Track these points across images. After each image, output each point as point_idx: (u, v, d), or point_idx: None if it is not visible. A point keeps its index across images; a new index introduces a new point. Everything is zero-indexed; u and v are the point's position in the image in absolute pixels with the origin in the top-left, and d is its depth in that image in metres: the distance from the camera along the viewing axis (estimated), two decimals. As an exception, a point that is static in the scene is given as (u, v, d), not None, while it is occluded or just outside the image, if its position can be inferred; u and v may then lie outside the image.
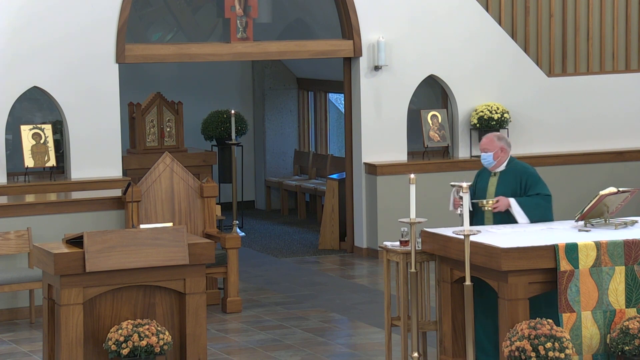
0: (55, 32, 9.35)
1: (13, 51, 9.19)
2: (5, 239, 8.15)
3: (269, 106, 13.20)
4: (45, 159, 9.34)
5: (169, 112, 11.06)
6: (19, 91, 9.29)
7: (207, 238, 7.98)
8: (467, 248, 5.80)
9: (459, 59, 10.63)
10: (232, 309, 8.41)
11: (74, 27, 9.40)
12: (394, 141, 10.52)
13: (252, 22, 10.04)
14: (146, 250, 6.14)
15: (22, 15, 9.25)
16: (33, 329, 7.98)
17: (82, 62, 9.43)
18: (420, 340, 6.68)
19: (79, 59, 9.41)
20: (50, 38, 9.33)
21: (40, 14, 9.31)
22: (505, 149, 6.77)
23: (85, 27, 9.44)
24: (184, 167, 8.58)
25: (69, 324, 5.99)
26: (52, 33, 9.34)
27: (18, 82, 9.24)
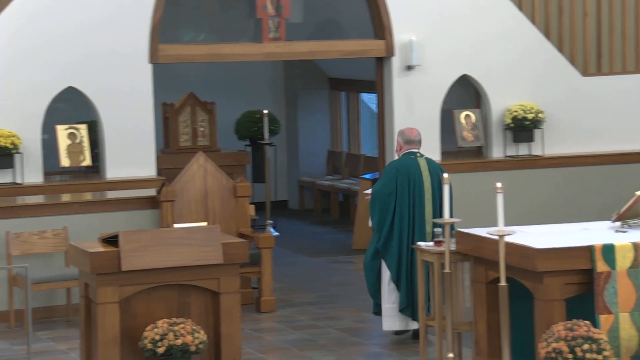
0: (90, 33, 9.41)
1: (48, 51, 9.27)
2: (43, 237, 8.23)
3: (302, 106, 13.21)
4: (81, 158, 9.42)
5: (202, 112, 11.11)
6: (55, 91, 9.37)
7: (241, 238, 8.00)
8: (502, 248, 5.77)
9: (492, 59, 10.57)
10: (266, 308, 8.43)
11: (108, 28, 9.46)
12: (426, 141, 10.45)
13: (284, 22, 10.05)
14: (180, 250, 6.17)
15: (56, 15, 9.32)
16: (70, 327, 8.05)
17: (116, 62, 9.49)
18: (455, 340, 6.65)
19: (113, 59, 9.48)
20: (84, 39, 9.39)
21: (75, 14, 9.38)
22: (401, 144, 7.47)
23: (119, 27, 9.50)
24: (217, 167, 8.61)
25: (105, 323, 6.04)
26: (87, 34, 9.40)
27: (54, 83, 9.32)
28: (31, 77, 9.24)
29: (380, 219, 7.34)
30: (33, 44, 9.24)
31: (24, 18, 9.22)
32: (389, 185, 7.32)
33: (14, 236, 8.19)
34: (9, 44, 9.17)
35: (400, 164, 7.39)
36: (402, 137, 7.43)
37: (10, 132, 9.10)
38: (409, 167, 7.35)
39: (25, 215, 8.33)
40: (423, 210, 7.35)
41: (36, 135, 9.29)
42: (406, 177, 7.33)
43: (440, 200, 7.35)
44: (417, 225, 7.33)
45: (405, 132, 7.48)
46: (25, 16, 9.23)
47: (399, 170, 7.36)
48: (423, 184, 7.36)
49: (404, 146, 7.43)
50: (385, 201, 7.33)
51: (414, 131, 7.52)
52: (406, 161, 7.39)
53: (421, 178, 7.36)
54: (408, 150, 7.43)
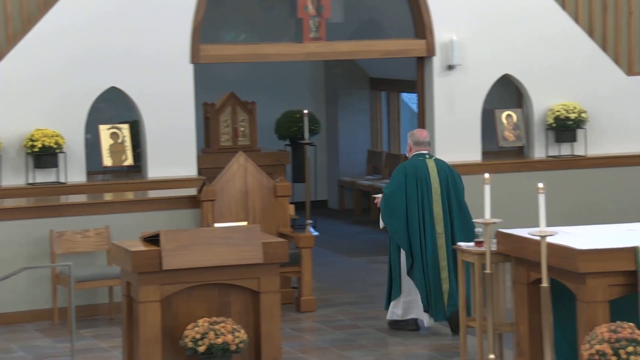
0: (132, 34, 9.49)
1: (91, 52, 9.36)
2: (85, 236, 8.31)
3: (342, 106, 13.20)
4: (123, 158, 9.49)
5: (242, 111, 11.14)
6: (98, 91, 9.46)
7: (281, 237, 8.01)
8: (544, 249, 5.72)
9: (534, 58, 10.49)
10: (306, 308, 8.44)
11: (150, 28, 9.53)
12: (467, 141, 10.43)
13: (325, 22, 10.05)
14: (220, 249, 6.20)
15: (99, 17, 9.41)
16: (112, 325, 8.12)
17: (158, 62, 9.56)
18: (496, 342, 6.61)
19: (154, 59, 9.54)
20: (127, 39, 9.47)
21: (117, 16, 9.46)
22: (411, 146, 7.64)
23: (161, 28, 9.56)
24: (257, 167, 8.63)
25: (146, 321, 6.08)
26: (129, 35, 9.48)
27: (96, 83, 9.41)
28: (75, 77, 9.34)
29: (393, 221, 7.48)
30: (77, 45, 9.34)
31: (68, 20, 9.32)
32: (397, 187, 7.46)
33: (57, 235, 8.28)
34: (53, 45, 9.28)
35: (409, 166, 7.54)
36: (412, 139, 7.59)
37: (54, 132, 9.20)
38: (417, 168, 7.49)
39: (68, 214, 8.42)
40: (432, 210, 7.48)
41: (79, 135, 9.38)
42: (414, 179, 7.47)
43: (449, 200, 7.50)
44: (428, 225, 7.46)
45: (415, 134, 7.64)
46: (69, 18, 9.33)
47: (407, 172, 7.51)
48: (431, 185, 7.49)
49: (413, 147, 7.59)
50: (395, 203, 7.45)
51: (423, 132, 7.67)
52: (415, 163, 7.53)
53: (429, 179, 7.50)
54: (417, 151, 7.58)
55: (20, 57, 9.19)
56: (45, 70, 9.26)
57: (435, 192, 7.50)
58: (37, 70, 9.24)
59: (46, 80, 9.27)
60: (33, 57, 9.22)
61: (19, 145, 9.21)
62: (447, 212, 7.48)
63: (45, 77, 9.27)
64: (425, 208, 7.48)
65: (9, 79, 9.18)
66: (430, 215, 7.47)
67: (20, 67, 9.19)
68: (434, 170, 7.54)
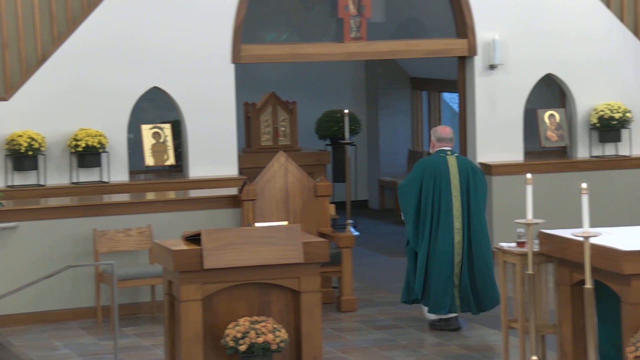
0: (174, 34, 9.55)
1: (134, 53, 9.44)
2: (128, 235, 8.38)
3: (382, 106, 13.18)
4: (165, 157, 9.56)
5: (283, 111, 11.17)
6: (140, 91, 9.53)
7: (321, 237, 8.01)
8: (587, 250, 5.66)
9: (577, 57, 10.39)
10: (347, 307, 8.43)
11: (191, 29, 9.59)
12: (509, 141, 10.36)
13: (366, 22, 10.04)
14: (261, 249, 6.21)
15: (142, 17, 9.49)
16: (155, 323, 8.18)
17: (200, 62, 9.62)
18: (538, 343, 6.56)
19: (196, 59, 9.60)
20: (169, 39, 9.54)
21: (160, 16, 9.53)
22: (434, 142, 7.73)
23: (203, 28, 9.62)
24: (298, 166, 8.64)
25: (188, 320, 6.11)
26: (171, 34, 9.55)
27: (139, 83, 9.48)
28: (118, 77, 9.42)
29: (406, 214, 7.66)
30: (120, 46, 9.42)
31: (111, 20, 9.41)
32: (413, 181, 7.63)
33: (100, 234, 8.36)
34: (96, 45, 9.37)
35: (428, 162, 7.67)
36: (435, 135, 7.73)
37: (97, 132, 9.29)
38: (436, 165, 7.61)
39: (111, 213, 8.50)
40: (450, 206, 7.54)
41: (122, 134, 9.46)
42: (432, 175, 7.58)
43: (469, 196, 7.58)
44: (443, 220, 7.53)
45: (438, 130, 7.76)
46: (113, 18, 9.41)
47: (426, 168, 7.64)
48: (450, 181, 7.58)
49: (436, 144, 7.70)
50: (409, 197, 7.61)
51: (446, 129, 7.76)
52: (435, 159, 7.65)
53: (448, 175, 7.59)
54: (440, 147, 7.69)
55: (64, 57, 9.29)
56: (88, 71, 9.36)
57: (454, 188, 7.57)
58: (81, 70, 9.34)
59: (90, 80, 9.37)
60: (77, 58, 9.32)
61: (63, 144, 9.31)
62: (465, 208, 7.56)
63: (88, 77, 9.36)
64: (442, 203, 7.55)
65: (54, 79, 9.28)
66: (447, 211, 7.54)
67: (65, 67, 9.30)
68: (454, 167, 7.62)
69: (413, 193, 7.60)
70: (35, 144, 9.07)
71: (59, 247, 8.34)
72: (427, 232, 7.57)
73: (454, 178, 7.60)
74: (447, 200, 7.55)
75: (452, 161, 7.65)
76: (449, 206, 7.54)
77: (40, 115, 9.25)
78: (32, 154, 9.10)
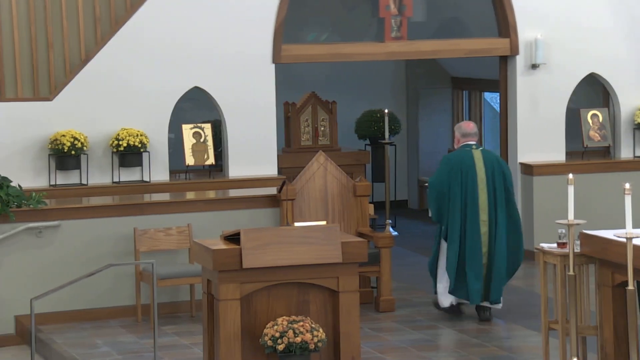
0: (215, 34, 9.60)
1: (175, 53, 9.50)
2: (168, 234, 8.43)
3: (423, 105, 13.13)
4: (205, 157, 9.61)
5: (323, 111, 11.17)
6: (181, 91, 9.59)
7: (360, 237, 8.00)
8: (630, 251, 5.59)
9: (621, 56, 10.26)
10: (385, 308, 8.41)
11: (232, 29, 9.63)
12: (551, 141, 10.27)
13: (407, 21, 10.00)
14: (300, 248, 6.21)
15: (183, 18, 9.55)
16: (194, 322, 8.22)
17: (240, 62, 9.65)
18: (579, 345, 6.49)
19: (237, 59, 9.64)
20: (210, 39, 9.59)
21: (200, 17, 9.58)
22: (458, 138, 7.94)
23: (244, 28, 9.65)
24: (337, 166, 8.64)
25: (227, 319, 6.14)
26: (211, 35, 9.60)
27: (180, 83, 9.54)
28: (159, 77, 9.49)
29: (438, 210, 7.89)
30: (161, 46, 9.49)
31: (153, 21, 9.48)
32: (441, 177, 7.86)
33: (141, 233, 8.42)
34: (138, 45, 9.45)
35: (454, 157, 7.89)
36: (459, 131, 7.95)
37: (139, 131, 9.36)
38: (462, 159, 7.84)
39: (151, 212, 8.56)
40: (477, 199, 7.77)
41: (163, 134, 9.53)
42: (459, 169, 7.81)
43: (495, 189, 7.81)
44: (470, 212, 7.77)
45: (462, 126, 7.97)
46: (154, 19, 9.48)
47: (452, 163, 7.86)
48: (476, 175, 7.81)
49: (461, 139, 7.94)
50: (439, 193, 7.85)
51: (470, 124, 7.99)
52: (460, 154, 7.87)
53: (474, 169, 7.82)
54: (465, 142, 7.92)
55: (107, 57, 9.38)
56: (130, 71, 9.43)
57: (480, 181, 7.80)
58: (123, 70, 9.42)
59: (131, 81, 9.44)
60: (119, 58, 9.41)
61: (105, 144, 9.40)
62: (492, 201, 7.78)
63: (130, 78, 9.44)
64: (469, 196, 7.78)
65: (97, 79, 9.37)
66: (474, 203, 7.76)
67: (107, 67, 9.38)
68: (479, 161, 7.84)
69: (443, 187, 7.82)
70: (78, 143, 9.17)
71: (100, 246, 8.41)
72: (457, 226, 7.79)
73: (480, 171, 7.82)
74: (473, 193, 7.77)
75: (478, 155, 7.87)
76: (475, 199, 7.76)
77: (83, 115, 9.34)
78: (74, 153, 9.19)
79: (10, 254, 8.26)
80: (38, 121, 9.26)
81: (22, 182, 9.05)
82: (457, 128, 8.01)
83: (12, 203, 8.22)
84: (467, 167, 7.81)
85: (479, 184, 7.80)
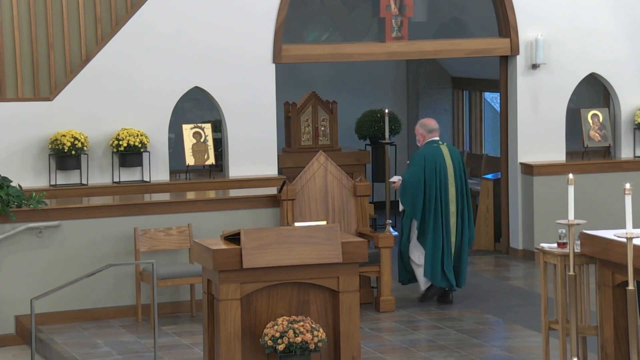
0: (215, 33, 9.60)
1: (175, 53, 9.50)
2: (168, 234, 8.43)
3: (423, 105, 13.13)
4: (205, 157, 9.61)
5: (323, 111, 11.17)
6: (182, 91, 9.59)
7: (360, 237, 8.00)
8: (630, 251, 5.58)
9: (622, 56, 10.26)
10: (386, 308, 8.41)
11: (232, 29, 9.63)
12: (551, 141, 10.27)
13: (407, 21, 10.00)
14: (300, 248, 6.21)
15: (183, 18, 9.55)
16: (194, 322, 8.22)
17: (241, 62, 9.65)
18: (579, 345, 6.48)
19: (237, 59, 9.64)
20: (210, 39, 9.59)
21: (201, 17, 9.58)
22: (424, 135, 8.46)
23: (244, 28, 9.65)
24: (337, 166, 8.64)
25: (227, 319, 6.14)
26: (212, 35, 9.60)
27: (180, 83, 9.54)
28: (159, 77, 9.49)
29: (413, 204, 8.36)
30: (161, 46, 9.49)
31: (154, 21, 9.48)
32: (418, 173, 8.34)
33: (141, 233, 8.42)
34: (139, 46, 9.45)
35: (428, 153, 8.39)
36: (425, 128, 8.48)
37: (139, 131, 9.36)
38: (435, 155, 8.37)
39: (151, 212, 8.56)
40: (448, 192, 8.35)
41: (163, 134, 9.53)
42: (433, 165, 8.34)
43: (462, 182, 8.39)
44: (443, 207, 8.34)
45: (426, 123, 8.52)
46: (155, 19, 9.49)
47: (427, 159, 8.37)
48: (447, 170, 8.38)
49: (427, 135, 8.47)
50: (415, 188, 8.32)
51: (432, 121, 8.59)
52: (431, 150, 8.40)
53: (445, 164, 8.39)
54: (431, 138, 8.46)
55: (108, 57, 9.38)
56: (131, 71, 9.43)
57: (450, 175, 8.39)
58: (124, 70, 9.42)
59: (132, 80, 9.44)
60: (120, 58, 9.41)
61: (105, 144, 9.40)
62: (459, 193, 8.38)
63: (131, 78, 9.44)
64: (442, 190, 8.34)
65: (97, 79, 9.38)
66: (446, 197, 8.35)
67: (108, 67, 9.39)
68: (448, 156, 8.41)
69: (420, 183, 8.32)
70: (79, 143, 9.17)
71: (100, 246, 8.41)
72: (434, 219, 8.31)
73: (449, 166, 8.41)
74: (446, 187, 8.36)
75: (446, 150, 8.46)
76: (447, 192, 8.36)
77: (84, 115, 9.35)
78: (75, 153, 9.19)
79: (10, 254, 8.26)
80: (38, 121, 9.26)
81: (23, 182, 9.05)
82: (421, 125, 8.49)
83: (12, 203, 8.23)
84: (439, 162, 8.34)
85: (449, 178, 8.37)
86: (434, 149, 8.41)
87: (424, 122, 8.54)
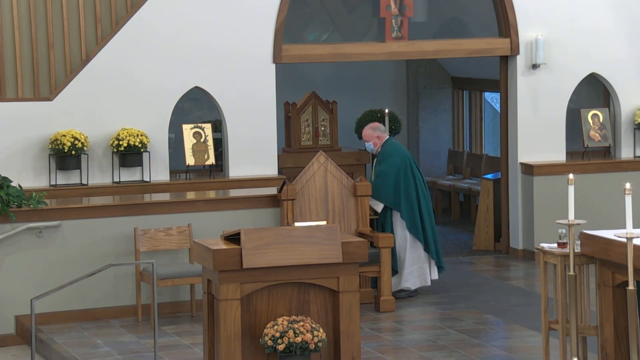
0: (215, 33, 9.60)
1: (175, 53, 9.50)
2: (168, 234, 8.43)
3: (423, 105, 13.13)
4: (205, 157, 9.61)
5: (323, 111, 11.17)
6: (182, 91, 9.60)
7: (360, 237, 8.00)
8: (630, 251, 5.59)
9: (622, 56, 10.26)
10: (386, 308, 8.41)
11: (233, 29, 9.63)
12: (551, 141, 10.27)
13: (407, 21, 10.00)
14: (300, 248, 6.21)
15: (183, 18, 9.55)
16: (194, 322, 8.22)
17: (241, 62, 9.65)
18: (579, 345, 6.48)
19: (237, 59, 9.64)
20: (210, 39, 9.59)
21: (201, 17, 9.58)
22: (380, 136, 8.81)
23: (244, 28, 9.65)
24: (337, 166, 8.64)
25: (227, 319, 6.14)
26: (212, 35, 9.60)
27: (180, 83, 9.55)
28: (159, 77, 9.49)
29: (394, 197, 8.63)
30: (161, 46, 9.49)
31: (154, 21, 9.48)
32: (397, 166, 8.65)
33: (141, 233, 8.42)
34: (138, 46, 9.45)
35: (399, 147, 8.81)
36: (379, 130, 8.84)
37: (139, 131, 9.36)
38: (403, 149, 8.84)
39: (152, 212, 8.56)
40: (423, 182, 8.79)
41: (164, 134, 9.53)
42: (406, 157, 8.74)
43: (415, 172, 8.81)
44: (421, 195, 8.71)
45: (377, 125, 8.88)
46: (155, 19, 9.49)
47: (401, 153, 8.74)
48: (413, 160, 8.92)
49: (381, 135, 8.82)
50: (396, 180, 8.62)
51: (377, 122, 9.01)
52: (397, 145, 8.83)
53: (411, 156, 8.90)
54: (386, 137, 8.84)
55: (108, 57, 9.38)
56: (131, 71, 9.44)
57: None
58: (124, 70, 9.42)
59: (132, 81, 9.45)
60: (120, 58, 9.41)
61: (105, 144, 9.40)
62: (419, 182, 8.83)
63: (131, 78, 9.44)
64: (417, 180, 8.73)
65: (97, 79, 9.38)
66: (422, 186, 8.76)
67: (108, 67, 9.39)
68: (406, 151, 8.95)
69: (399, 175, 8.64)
70: (79, 143, 9.17)
71: (100, 246, 8.41)
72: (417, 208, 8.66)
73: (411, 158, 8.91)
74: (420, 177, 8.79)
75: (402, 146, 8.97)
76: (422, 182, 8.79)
77: (84, 115, 9.35)
78: (75, 153, 9.19)
79: (10, 254, 8.26)
80: (38, 121, 9.26)
81: (23, 182, 9.05)
82: (374, 129, 8.81)
83: (12, 203, 8.23)
84: (409, 155, 8.80)
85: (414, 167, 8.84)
86: (398, 145, 8.85)
87: (374, 125, 8.85)
